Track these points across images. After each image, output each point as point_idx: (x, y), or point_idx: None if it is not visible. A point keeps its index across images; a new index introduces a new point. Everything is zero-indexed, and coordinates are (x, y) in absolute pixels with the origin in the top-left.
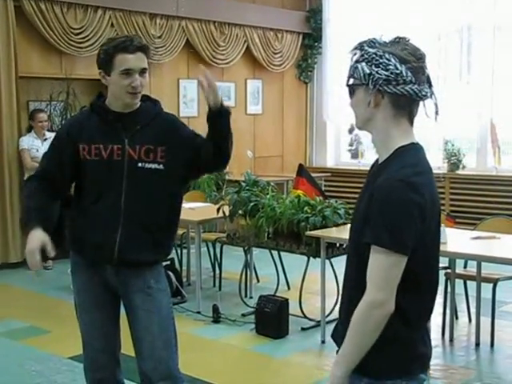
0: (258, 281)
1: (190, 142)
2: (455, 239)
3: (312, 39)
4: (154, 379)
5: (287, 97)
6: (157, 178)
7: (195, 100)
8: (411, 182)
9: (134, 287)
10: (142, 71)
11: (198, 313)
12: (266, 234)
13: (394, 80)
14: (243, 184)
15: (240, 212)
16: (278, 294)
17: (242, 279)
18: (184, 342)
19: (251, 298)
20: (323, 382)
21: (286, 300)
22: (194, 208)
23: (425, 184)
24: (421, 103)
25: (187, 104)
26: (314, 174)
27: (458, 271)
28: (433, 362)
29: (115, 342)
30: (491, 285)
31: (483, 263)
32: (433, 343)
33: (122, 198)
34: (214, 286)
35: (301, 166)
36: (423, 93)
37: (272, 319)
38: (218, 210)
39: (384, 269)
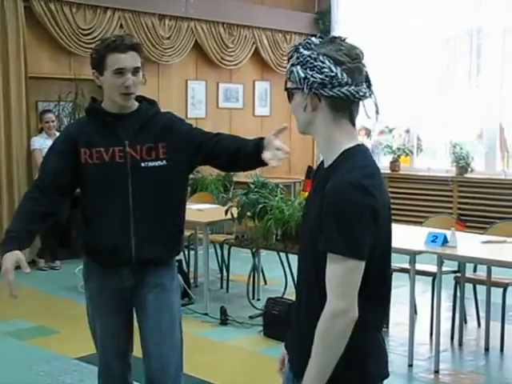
0: (266, 283)
1: (188, 134)
2: (465, 243)
3: None
4: (160, 381)
5: None
6: (161, 174)
7: (203, 101)
8: (361, 184)
9: (149, 285)
10: (135, 70)
11: (206, 315)
12: (274, 236)
13: (329, 83)
14: (252, 186)
15: (248, 214)
16: (286, 297)
17: (250, 281)
18: (191, 343)
19: (259, 300)
20: None
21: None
22: (202, 209)
23: (375, 186)
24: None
25: (195, 105)
26: None
27: (467, 275)
28: (442, 366)
29: (129, 346)
30: (501, 289)
31: (493, 267)
32: (442, 347)
33: (129, 199)
34: (222, 287)
35: (310, 168)
36: (361, 93)
37: (280, 321)
38: (226, 211)
39: (342, 276)
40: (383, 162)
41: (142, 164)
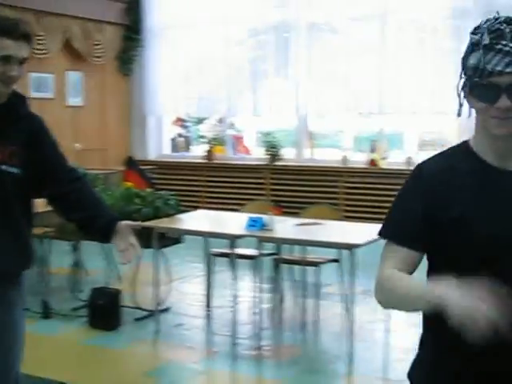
0: (88, 274)
1: (49, 153)
2: (281, 226)
3: (133, 31)
4: None
5: (109, 89)
6: (16, 182)
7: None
8: None
9: None
10: (22, 61)
11: (26, 309)
12: None
13: None
14: None
15: None
16: (110, 286)
17: (72, 273)
18: None
19: (81, 291)
20: (159, 369)
21: (119, 291)
22: None
23: None
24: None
25: None
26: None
27: (284, 256)
28: (263, 342)
29: None
30: (314, 268)
31: (309, 248)
32: (263, 326)
33: None
34: (42, 281)
35: (130, 159)
36: None
37: (105, 311)
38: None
39: None
40: (196, 152)
41: (3, 167)
